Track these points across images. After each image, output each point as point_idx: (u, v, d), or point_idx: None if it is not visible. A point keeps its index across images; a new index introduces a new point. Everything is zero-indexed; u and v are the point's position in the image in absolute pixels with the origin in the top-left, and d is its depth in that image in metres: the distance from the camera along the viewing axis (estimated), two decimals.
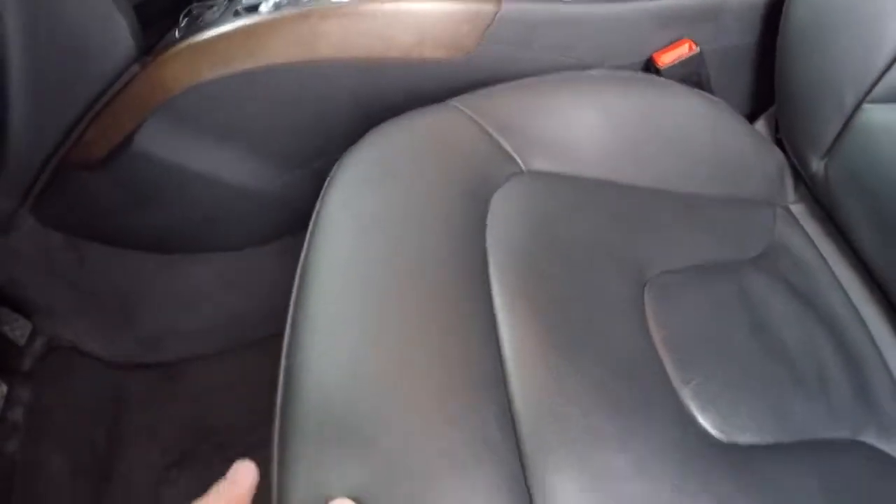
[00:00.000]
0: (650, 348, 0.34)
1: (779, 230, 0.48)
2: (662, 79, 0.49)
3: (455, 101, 0.44)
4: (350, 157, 0.42)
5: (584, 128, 0.44)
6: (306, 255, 0.39)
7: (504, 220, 0.37)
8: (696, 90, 0.48)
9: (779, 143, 0.53)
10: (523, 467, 0.27)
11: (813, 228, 0.51)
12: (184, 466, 0.54)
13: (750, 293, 0.41)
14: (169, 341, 0.59)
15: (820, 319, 0.45)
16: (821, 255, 0.49)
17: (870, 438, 0.42)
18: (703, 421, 0.33)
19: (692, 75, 0.49)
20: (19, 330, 0.61)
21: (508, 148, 0.42)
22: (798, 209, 0.52)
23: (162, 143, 0.49)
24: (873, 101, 0.46)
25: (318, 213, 0.41)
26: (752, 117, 0.54)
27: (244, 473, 0.29)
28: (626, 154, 0.45)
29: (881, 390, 0.45)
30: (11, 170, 0.50)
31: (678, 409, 0.32)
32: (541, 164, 0.42)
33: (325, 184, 0.42)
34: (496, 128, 0.42)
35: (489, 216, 0.38)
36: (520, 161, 0.41)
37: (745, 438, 0.34)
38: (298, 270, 0.38)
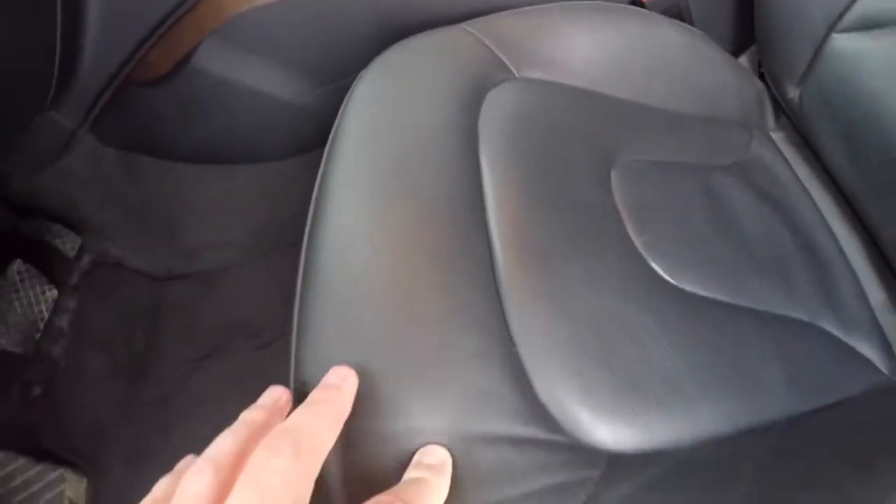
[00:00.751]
0: (612, 209, 0.42)
1: (754, 148, 0.56)
2: (647, 11, 0.58)
3: (462, 24, 0.54)
4: (367, 70, 0.52)
5: (575, 48, 0.53)
6: (325, 163, 0.48)
7: (494, 110, 0.46)
8: (677, 21, 0.56)
9: (762, 77, 0.61)
10: (493, 263, 0.36)
11: (790, 152, 0.59)
12: (216, 357, 0.64)
13: (715, 189, 0.49)
14: (207, 252, 0.70)
15: (786, 222, 0.52)
16: (794, 171, 0.56)
17: (829, 327, 0.49)
18: (654, 265, 0.41)
19: (673, 7, 0.57)
20: (70, 244, 0.72)
21: (504, 59, 0.51)
22: (778, 136, 0.60)
23: (216, 61, 0.60)
24: (842, 31, 0.54)
25: (338, 122, 0.50)
26: (736, 55, 0.62)
27: (345, 377, 0.29)
28: (611, 72, 0.53)
29: (844, 289, 0.51)
30: (78, 89, 0.61)
31: (631, 250, 0.40)
32: (532, 74, 0.51)
33: (346, 97, 0.52)
34: (495, 43, 0.52)
35: (482, 108, 0.47)
36: (513, 69, 0.51)
37: (695, 290, 0.42)
38: (319, 177, 0.47)
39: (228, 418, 0.29)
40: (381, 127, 0.46)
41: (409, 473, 0.28)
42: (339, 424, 0.28)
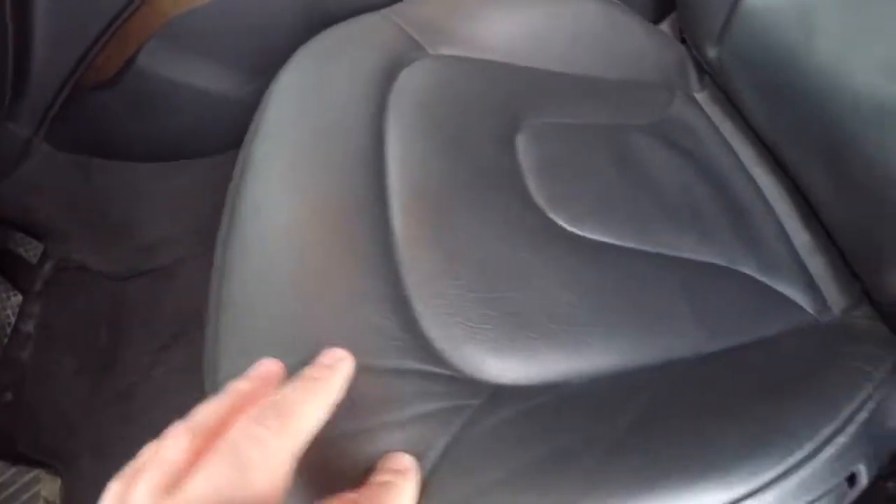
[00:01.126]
0: (514, 168, 0.46)
1: (675, 108, 0.59)
2: None
3: (382, 11, 0.59)
4: (290, 60, 0.57)
5: (491, 24, 0.58)
6: (244, 151, 0.51)
7: (405, 86, 0.51)
8: None
9: (683, 42, 0.65)
10: (389, 220, 0.40)
11: (713, 111, 0.62)
12: (175, 347, 0.68)
13: (628, 146, 0.53)
14: (165, 247, 0.75)
15: (704, 174, 0.55)
16: (716, 128, 0.60)
17: (748, 270, 0.52)
18: (554, 216, 0.44)
19: None
20: (32, 251, 0.77)
21: (419, 39, 0.55)
22: (702, 97, 0.63)
23: (159, 62, 0.66)
24: None
25: (259, 112, 0.54)
26: (657, 23, 0.66)
27: (340, 359, 0.29)
28: (527, 45, 0.57)
29: (766, 233, 0.54)
30: (32, 97, 0.67)
31: (528, 203, 0.44)
32: (446, 51, 0.55)
33: (269, 87, 0.57)
34: (410, 25, 0.56)
35: (394, 86, 0.51)
36: (428, 48, 0.55)
37: (597, 236, 0.45)
38: (238, 163, 0.51)
39: (191, 405, 0.28)
40: (297, 113, 0.50)
41: (375, 478, 0.29)
42: (329, 405, 0.28)
